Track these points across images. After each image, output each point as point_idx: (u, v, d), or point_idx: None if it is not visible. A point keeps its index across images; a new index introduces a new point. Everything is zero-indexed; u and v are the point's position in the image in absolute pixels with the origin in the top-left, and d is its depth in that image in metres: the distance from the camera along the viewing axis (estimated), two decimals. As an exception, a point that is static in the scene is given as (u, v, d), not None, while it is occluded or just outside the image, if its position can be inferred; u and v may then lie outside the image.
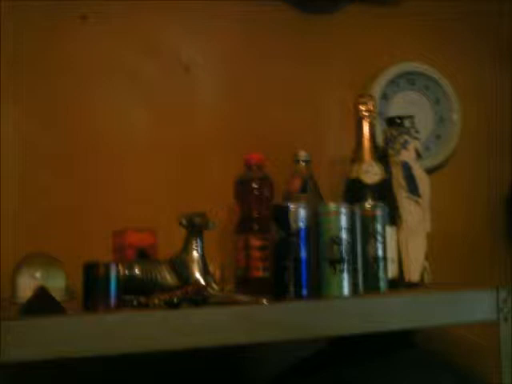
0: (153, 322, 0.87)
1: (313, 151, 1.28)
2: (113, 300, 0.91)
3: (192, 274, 1.03)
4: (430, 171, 1.43)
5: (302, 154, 1.26)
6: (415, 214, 1.28)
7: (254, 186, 1.23)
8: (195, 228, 1.04)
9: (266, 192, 1.23)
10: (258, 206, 1.22)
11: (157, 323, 0.87)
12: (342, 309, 0.99)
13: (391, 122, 1.32)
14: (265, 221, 1.14)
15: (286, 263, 1.01)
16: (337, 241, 1.03)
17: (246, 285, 1.18)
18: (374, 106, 1.24)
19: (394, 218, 1.22)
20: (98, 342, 0.83)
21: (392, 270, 1.17)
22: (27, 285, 1.06)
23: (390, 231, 1.17)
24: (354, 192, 1.22)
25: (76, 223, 1.28)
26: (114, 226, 1.18)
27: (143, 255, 1.14)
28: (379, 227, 1.11)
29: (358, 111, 1.24)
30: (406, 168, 1.28)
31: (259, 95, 1.45)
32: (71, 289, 1.11)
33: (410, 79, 1.55)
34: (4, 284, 1.14)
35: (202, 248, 1.05)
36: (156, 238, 1.18)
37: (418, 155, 1.31)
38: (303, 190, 1.23)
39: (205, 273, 1.03)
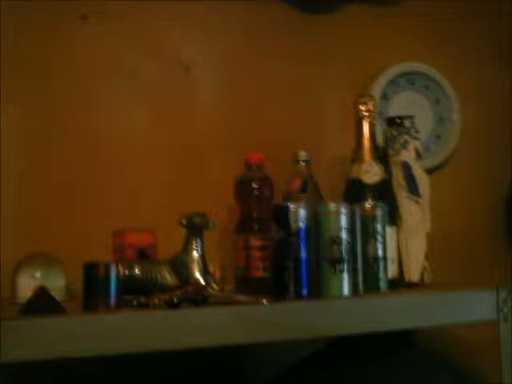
0: (153, 322, 0.87)
1: (313, 151, 1.28)
2: (113, 300, 0.91)
3: (192, 274, 1.03)
4: (430, 171, 1.43)
5: (302, 154, 1.26)
6: (415, 214, 1.28)
7: (254, 186, 1.23)
8: (195, 228, 1.04)
9: (266, 192, 1.23)
10: (257, 205, 1.22)
11: (157, 323, 0.87)
12: (342, 309, 0.99)
13: (391, 122, 1.32)
14: (265, 221, 1.14)
15: (286, 263, 1.01)
16: (337, 241, 1.03)
17: (246, 285, 1.18)
18: (374, 106, 1.24)
19: (394, 218, 1.22)
20: (98, 342, 0.83)
21: (392, 270, 1.17)
22: (27, 285, 1.06)
23: (389, 231, 1.17)
24: (354, 192, 1.22)
25: (76, 223, 1.28)
26: (114, 226, 1.18)
27: (143, 255, 1.14)
28: (379, 227, 1.11)
29: (358, 111, 1.24)
30: (406, 168, 1.28)
31: (259, 95, 1.45)
32: (71, 289, 1.11)
33: (409, 79, 1.55)
34: (4, 284, 1.14)
35: (202, 248, 1.05)
36: (156, 238, 1.18)
37: (418, 155, 1.31)
38: (303, 190, 1.23)
39: (205, 273, 1.03)
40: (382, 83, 1.51)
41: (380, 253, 1.11)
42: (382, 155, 1.28)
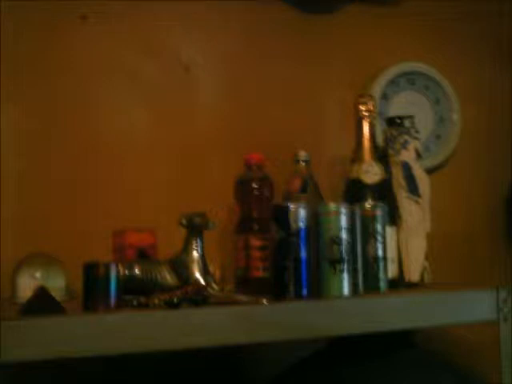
0: (153, 322, 0.87)
1: (313, 151, 1.28)
2: (113, 300, 0.91)
3: (192, 274, 1.03)
4: (430, 171, 1.43)
5: (302, 154, 1.26)
6: (415, 214, 1.28)
7: (254, 186, 1.23)
8: (195, 228, 1.04)
9: (266, 192, 1.23)
10: (258, 205, 1.22)
11: (157, 323, 0.87)
12: (342, 309, 0.99)
13: (391, 122, 1.32)
14: (265, 221, 1.14)
15: (286, 263, 1.01)
16: (337, 241, 1.03)
17: (246, 285, 1.18)
18: (374, 105, 1.24)
19: (394, 218, 1.22)
20: (97, 342, 0.83)
21: (392, 270, 1.17)
22: (27, 285, 1.06)
23: (389, 231, 1.17)
24: (354, 192, 1.22)
25: (76, 223, 1.28)
26: (114, 226, 1.18)
27: (143, 255, 1.14)
28: (379, 227, 1.11)
29: (358, 111, 1.24)
30: (406, 168, 1.28)
31: (259, 95, 1.45)
32: (71, 289, 1.11)
33: (409, 79, 1.55)
34: (4, 284, 1.14)
35: (202, 248, 1.05)
36: (156, 238, 1.18)
37: (418, 155, 1.31)
38: (303, 190, 1.23)
39: (205, 273, 1.03)
40: (382, 83, 1.51)
41: (380, 253, 1.11)
42: (382, 155, 1.28)
